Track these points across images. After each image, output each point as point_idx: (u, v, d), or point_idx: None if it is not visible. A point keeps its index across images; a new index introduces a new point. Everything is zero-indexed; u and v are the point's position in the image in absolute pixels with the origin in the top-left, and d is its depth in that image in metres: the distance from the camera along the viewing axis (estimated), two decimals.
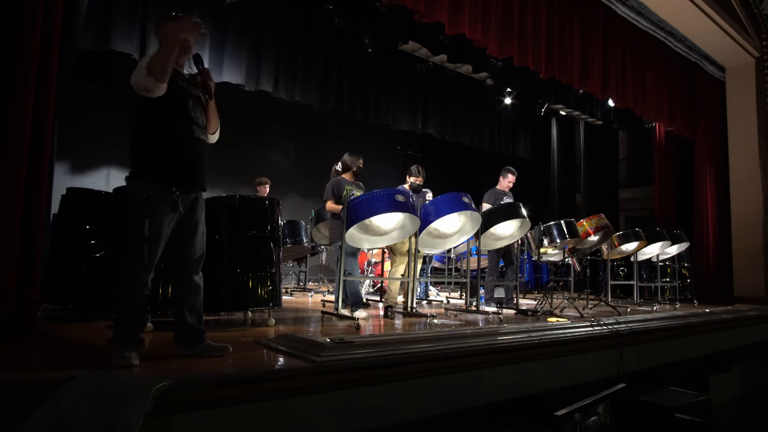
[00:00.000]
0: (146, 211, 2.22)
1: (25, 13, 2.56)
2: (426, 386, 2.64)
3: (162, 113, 2.31)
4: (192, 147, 2.39)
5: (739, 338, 5.61)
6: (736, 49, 7.37)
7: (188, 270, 2.43)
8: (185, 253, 2.41)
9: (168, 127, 2.34)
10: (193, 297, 2.43)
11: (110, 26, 5.20)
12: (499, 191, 5.62)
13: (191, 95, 2.44)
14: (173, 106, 2.34)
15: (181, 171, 2.34)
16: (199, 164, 2.43)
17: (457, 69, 8.63)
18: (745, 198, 7.58)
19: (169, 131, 2.34)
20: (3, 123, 2.47)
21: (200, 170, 2.44)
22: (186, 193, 2.37)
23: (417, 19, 4.60)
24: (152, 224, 2.22)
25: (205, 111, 2.51)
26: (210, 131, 2.56)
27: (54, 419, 1.52)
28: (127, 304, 2.24)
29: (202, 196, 2.52)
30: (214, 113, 2.56)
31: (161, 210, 2.25)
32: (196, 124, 2.42)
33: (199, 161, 2.43)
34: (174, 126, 2.35)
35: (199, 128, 2.44)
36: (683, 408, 3.69)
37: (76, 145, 6.65)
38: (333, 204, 4.45)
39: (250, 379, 2.04)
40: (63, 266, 3.38)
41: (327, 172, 4.98)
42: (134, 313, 2.25)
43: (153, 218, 2.23)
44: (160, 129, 2.33)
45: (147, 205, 2.23)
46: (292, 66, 6.66)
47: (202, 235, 2.49)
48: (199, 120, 2.45)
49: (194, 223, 2.44)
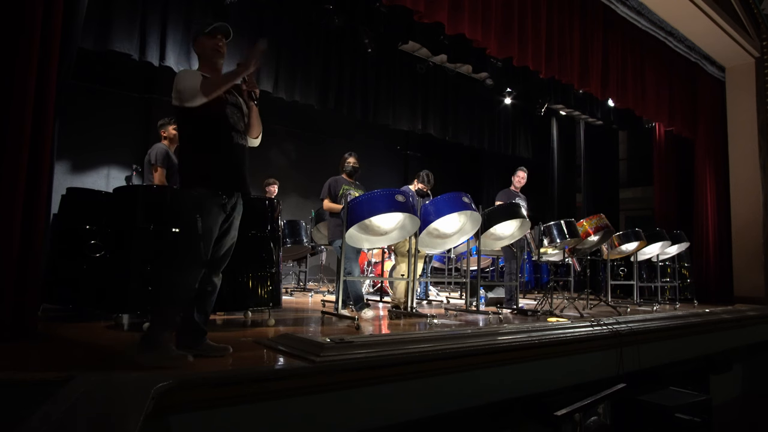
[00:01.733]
0: (198, 211, 2.32)
1: (25, 13, 2.56)
2: (426, 386, 2.64)
3: (203, 121, 2.40)
4: (233, 152, 2.46)
5: (739, 338, 5.61)
6: (736, 49, 7.36)
7: (211, 268, 2.45)
8: (214, 251, 2.44)
9: (210, 134, 2.43)
10: (206, 296, 2.47)
11: (110, 26, 5.20)
12: (512, 191, 5.73)
13: (229, 102, 2.52)
14: (214, 114, 2.42)
15: (224, 175, 2.42)
16: (240, 168, 2.49)
17: (457, 69, 8.63)
18: (745, 198, 7.57)
19: (211, 138, 2.43)
20: (3, 123, 2.47)
21: (242, 174, 2.50)
22: (230, 197, 2.44)
23: (417, 19, 4.60)
24: (206, 222, 2.32)
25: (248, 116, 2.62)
26: (252, 135, 2.67)
27: (54, 419, 1.52)
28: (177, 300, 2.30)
29: (241, 202, 2.57)
30: (257, 118, 2.67)
31: (212, 210, 2.35)
32: (236, 129, 2.49)
33: (240, 165, 2.49)
34: (215, 133, 2.43)
35: (238, 134, 2.50)
36: (683, 408, 3.69)
37: (76, 145, 6.65)
38: (329, 203, 4.45)
39: (250, 379, 2.04)
40: (63, 266, 3.38)
41: (327, 172, 4.98)
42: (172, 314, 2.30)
43: (205, 217, 2.33)
44: (202, 137, 2.42)
45: (199, 206, 2.33)
46: (292, 66, 6.66)
47: (232, 239, 2.54)
48: (238, 126, 2.51)
49: (228, 225, 2.49)
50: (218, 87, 2.37)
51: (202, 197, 2.33)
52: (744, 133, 7.69)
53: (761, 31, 7.57)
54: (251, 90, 2.60)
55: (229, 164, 2.44)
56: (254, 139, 2.70)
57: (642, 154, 12.47)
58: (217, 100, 2.41)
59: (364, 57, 7.36)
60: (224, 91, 2.46)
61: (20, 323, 2.48)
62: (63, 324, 3.22)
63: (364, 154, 4.85)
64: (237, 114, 2.54)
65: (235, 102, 2.56)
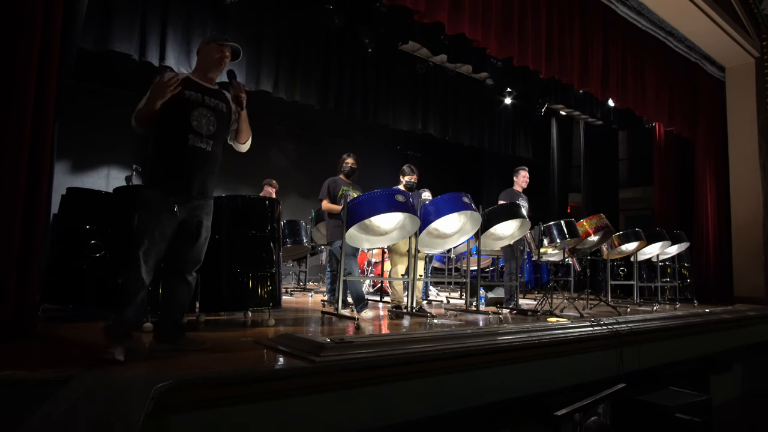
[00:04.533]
0: (145, 213, 2.36)
1: (25, 14, 2.56)
2: (426, 386, 2.64)
3: (161, 123, 2.42)
4: (187, 155, 2.44)
5: (739, 338, 5.61)
6: (736, 49, 7.36)
7: (183, 267, 2.50)
8: (184, 252, 2.49)
9: (164, 135, 2.44)
10: (183, 294, 2.52)
11: (110, 26, 5.20)
12: (515, 191, 5.73)
13: (201, 105, 2.51)
14: (171, 116, 2.41)
15: (176, 178, 2.42)
16: (196, 173, 2.47)
17: (457, 69, 8.63)
18: (745, 198, 7.57)
19: (164, 139, 2.45)
20: (3, 123, 2.47)
21: (198, 179, 2.48)
22: (185, 199, 2.44)
23: (417, 19, 4.60)
24: (151, 225, 2.34)
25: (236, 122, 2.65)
26: (240, 141, 2.70)
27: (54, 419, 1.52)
28: (125, 299, 2.32)
29: (209, 204, 2.58)
30: (246, 124, 2.68)
31: (159, 212, 2.36)
32: (196, 133, 2.46)
33: (195, 170, 2.47)
34: (169, 134, 2.44)
35: (198, 137, 2.47)
36: (683, 408, 3.69)
37: (76, 145, 6.65)
38: (328, 203, 4.46)
39: (250, 379, 2.04)
40: (63, 266, 3.38)
41: (327, 172, 4.99)
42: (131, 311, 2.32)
43: (151, 220, 2.35)
44: (157, 138, 2.46)
45: (147, 207, 2.36)
46: (292, 66, 6.65)
47: (204, 240, 2.55)
48: (202, 129, 2.48)
49: (196, 226, 2.50)
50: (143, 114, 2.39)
51: (150, 199, 2.37)
52: (744, 133, 7.69)
53: (761, 31, 7.57)
54: (237, 95, 2.60)
55: (182, 167, 2.43)
56: (242, 145, 2.72)
57: (642, 154, 12.47)
58: (178, 102, 2.42)
59: (364, 57, 7.35)
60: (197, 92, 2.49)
61: (20, 323, 2.48)
62: (63, 324, 3.22)
63: (364, 154, 4.86)
64: (208, 117, 2.51)
65: (212, 105, 2.54)
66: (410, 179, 4.88)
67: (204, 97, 2.53)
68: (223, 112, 2.60)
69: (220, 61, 2.61)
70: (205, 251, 2.59)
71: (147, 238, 2.33)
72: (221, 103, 2.60)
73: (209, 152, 2.53)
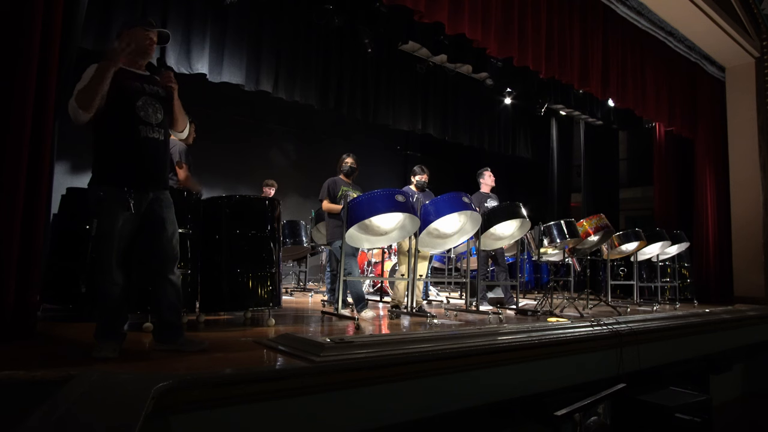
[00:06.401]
0: (99, 213, 2.31)
1: (26, 14, 2.56)
2: (426, 386, 2.64)
3: (105, 115, 2.34)
4: (139, 147, 2.38)
5: (739, 338, 5.61)
6: (736, 49, 7.36)
7: (162, 267, 2.47)
8: (156, 252, 2.45)
9: (111, 128, 2.36)
10: (170, 294, 2.47)
11: (110, 26, 5.20)
12: (483, 194, 5.70)
13: (144, 93, 2.43)
14: (116, 108, 2.35)
15: (128, 171, 2.35)
16: (149, 163, 2.41)
17: (457, 69, 8.62)
18: (745, 198, 7.57)
19: (112, 133, 2.37)
20: (3, 123, 2.47)
21: (152, 169, 2.43)
22: (140, 193, 2.38)
23: (417, 19, 4.60)
24: (105, 224, 2.30)
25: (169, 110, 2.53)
26: (177, 129, 2.61)
27: (54, 419, 1.52)
28: (101, 300, 2.32)
29: (166, 195, 2.51)
30: (180, 112, 2.58)
31: (112, 210, 2.30)
32: (145, 122, 2.40)
33: (149, 161, 2.41)
34: (117, 127, 2.36)
35: (148, 127, 2.41)
36: (683, 408, 3.69)
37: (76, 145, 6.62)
38: (328, 203, 4.46)
39: (250, 379, 2.04)
40: (63, 266, 3.38)
41: (327, 172, 4.99)
42: (109, 309, 2.32)
43: (105, 218, 2.29)
44: (104, 131, 2.37)
45: (100, 207, 2.31)
46: (292, 66, 6.66)
47: (172, 234, 2.49)
48: (150, 119, 2.42)
49: (158, 221, 2.45)
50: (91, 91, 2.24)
51: (102, 196, 2.30)
52: (744, 133, 7.69)
53: (761, 31, 7.57)
54: (167, 84, 2.50)
55: (133, 159, 2.36)
56: (179, 133, 2.65)
57: (642, 154, 12.47)
58: (126, 91, 2.35)
59: (364, 57, 7.36)
60: (135, 82, 2.40)
61: (20, 323, 2.48)
62: (63, 324, 3.22)
63: (364, 154, 4.87)
64: (154, 105, 2.45)
65: (153, 92, 2.47)
66: (421, 179, 4.93)
67: (144, 85, 2.45)
68: (164, 97, 2.52)
69: (149, 47, 2.50)
70: (177, 246, 2.52)
71: (108, 240, 2.29)
72: (160, 89, 2.51)
73: (161, 141, 2.48)
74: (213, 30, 5.92)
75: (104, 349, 2.21)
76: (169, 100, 2.53)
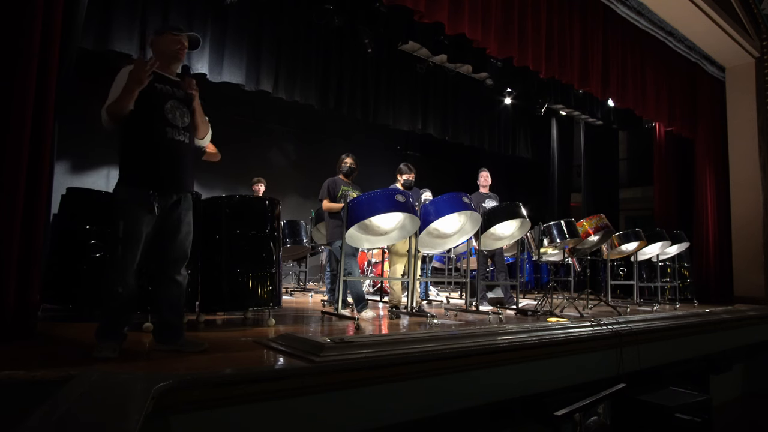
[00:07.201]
0: (123, 214, 2.31)
1: (26, 14, 2.56)
2: (426, 386, 2.64)
3: (134, 118, 2.36)
4: (166, 149, 2.41)
5: (739, 338, 5.61)
6: (736, 49, 7.37)
7: (170, 268, 2.48)
8: (168, 251, 2.46)
9: (139, 130, 2.39)
10: (173, 295, 2.49)
11: (110, 26, 5.21)
12: (482, 194, 5.72)
13: (173, 96, 2.48)
14: (145, 110, 2.37)
15: (154, 173, 2.38)
16: (175, 166, 2.44)
17: (457, 69, 8.63)
18: (745, 198, 7.57)
19: (140, 134, 2.39)
20: (3, 123, 2.47)
21: (178, 172, 2.45)
22: (164, 195, 2.40)
23: (417, 19, 4.60)
24: (128, 226, 2.31)
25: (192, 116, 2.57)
26: (198, 136, 2.64)
27: (54, 419, 1.52)
28: (108, 300, 2.32)
29: (188, 198, 2.54)
30: (201, 119, 2.62)
31: (137, 213, 2.32)
32: (172, 125, 2.44)
33: (175, 163, 2.44)
34: (145, 129, 2.39)
35: (175, 129, 2.45)
36: (683, 408, 3.68)
37: (76, 145, 6.65)
38: (329, 203, 4.45)
39: (250, 379, 2.04)
40: (63, 266, 3.38)
41: (327, 172, 4.99)
42: (114, 309, 2.32)
43: (129, 221, 2.31)
44: (132, 133, 2.40)
45: (124, 208, 2.32)
46: (292, 66, 6.66)
47: (186, 235, 2.51)
48: (177, 122, 2.46)
49: (176, 222, 2.47)
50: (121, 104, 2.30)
51: (127, 199, 2.32)
52: (744, 133, 7.69)
53: (761, 31, 7.57)
54: (188, 91, 2.54)
55: (160, 161, 2.39)
56: (201, 140, 2.68)
57: (642, 154, 12.48)
58: (155, 94, 2.38)
59: (364, 57, 7.36)
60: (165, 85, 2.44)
61: (20, 323, 2.48)
62: (63, 324, 3.22)
63: (364, 154, 4.86)
64: (181, 109, 2.50)
65: (181, 97, 2.52)
66: (408, 177, 4.89)
67: (173, 89, 2.50)
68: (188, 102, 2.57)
69: (179, 52, 2.55)
70: (190, 246, 2.54)
71: (131, 242, 2.30)
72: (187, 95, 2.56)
73: (187, 144, 2.52)
74: (213, 30, 5.92)
75: (104, 349, 2.22)
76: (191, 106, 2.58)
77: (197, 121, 2.60)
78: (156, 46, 2.54)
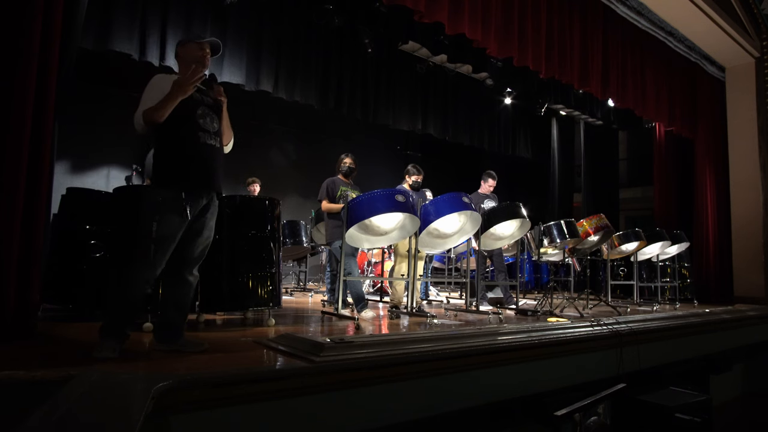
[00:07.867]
0: (156, 215, 2.35)
1: (26, 14, 2.56)
2: (426, 386, 2.64)
3: (168, 122, 2.42)
4: (198, 153, 2.47)
5: (739, 338, 5.61)
6: (736, 49, 7.37)
7: (184, 267, 2.51)
8: (185, 251, 2.49)
9: (175, 135, 2.45)
10: (183, 294, 2.51)
11: (110, 26, 5.21)
12: (481, 194, 5.72)
13: (203, 103, 2.56)
14: (179, 116, 2.43)
15: (188, 176, 2.43)
16: (208, 169, 2.50)
17: (457, 69, 8.63)
18: (745, 198, 7.57)
19: (175, 139, 2.45)
20: (3, 123, 2.47)
21: (210, 175, 2.51)
22: (196, 198, 2.45)
23: (417, 19, 4.60)
24: (161, 227, 2.34)
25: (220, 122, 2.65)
26: (223, 143, 2.70)
27: (54, 419, 1.52)
28: (125, 298, 2.33)
29: (215, 203, 2.60)
30: (227, 126, 2.72)
31: (170, 215, 2.36)
32: (204, 130, 2.51)
33: (207, 167, 2.50)
34: (179, 134, 2.45)
35: (207, 134, 2.52)
36: (683, 408, 3.69)
37: (76, 145, 6.65)
38: (328, 203, 4.46)
39: (250, 379, 2.04)
40: (63, 266, 3.38)
41: (327, 172, 4.99)
42: (129, 308, 2.34)
43: (162, 222, 2.35)
44: (167, 138, 2.46)
45: (158, 209, 2.36)
46: (292, 66, 6.66)
47: (206, 239, 2.56)
48: (208, 127, 2.54)
49: (200, 225, 2.52)
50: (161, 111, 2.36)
51: (161, 201, 2.36)
52: (744, 133, 7.69)
53: (761, 31, 7.57)
54: (217, 99, 2.63)
55: (193, 165, 2.45)
56: (225, 146, 2.74)
57: (642, 154, 12.48)
58: (185, 102, 2.43)
59: (364, 57, 7.36)
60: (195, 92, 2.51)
61: (20, 323, 2.48)
62: (63, 324, 3.22)
63: (364, 154, 4.87)
64: (211, 115, 2.58)
65: (210, 103, 2.61)
66: (416, 179, 4.91)
67: (202, 96, 2.59)
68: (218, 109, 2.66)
69: (204, 59, 2.61)
70: (207, 250, 2.59)
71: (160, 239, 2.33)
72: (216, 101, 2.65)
73: (218, 149, 2.60)
74: (213, 30, 5.92)
75: (105, 349, 2.23)
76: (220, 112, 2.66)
77: (224, 127, 2.69)
78: (182, 57, 2.62)
